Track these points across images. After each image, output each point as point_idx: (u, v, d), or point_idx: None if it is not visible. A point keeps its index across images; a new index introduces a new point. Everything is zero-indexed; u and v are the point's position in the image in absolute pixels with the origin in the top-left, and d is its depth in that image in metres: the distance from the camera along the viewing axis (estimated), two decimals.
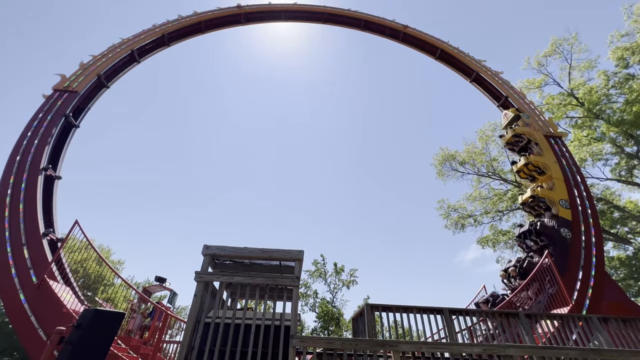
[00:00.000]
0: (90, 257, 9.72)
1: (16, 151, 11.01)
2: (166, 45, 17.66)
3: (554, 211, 12.09)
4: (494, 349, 4.54)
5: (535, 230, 11.77)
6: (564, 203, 12.11)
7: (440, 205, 29.11)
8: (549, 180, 13.20)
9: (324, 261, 30.48)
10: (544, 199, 12.58)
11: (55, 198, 11.40)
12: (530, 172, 13.85)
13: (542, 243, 11.51)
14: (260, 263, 5.55)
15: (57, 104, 12.67)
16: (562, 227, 11.41)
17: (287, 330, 4.40)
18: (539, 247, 11.61)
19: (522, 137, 14.75)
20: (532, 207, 13.23)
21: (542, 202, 12.72)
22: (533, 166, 13.62)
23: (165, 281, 13.25)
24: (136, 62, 16.45)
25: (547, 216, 12.47)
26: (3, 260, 8.64)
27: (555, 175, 13.01)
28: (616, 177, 23.87)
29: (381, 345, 4.53)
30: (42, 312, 7.73)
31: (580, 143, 23.44)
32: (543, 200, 12.63)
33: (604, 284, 10.41)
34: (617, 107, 22.80)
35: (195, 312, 4.44)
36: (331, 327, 26.32)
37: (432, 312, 5.79)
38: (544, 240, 11.47)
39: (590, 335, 5.97)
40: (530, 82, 26.86)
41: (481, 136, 28.49)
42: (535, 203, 12.92)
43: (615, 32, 23.56)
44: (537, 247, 11.75)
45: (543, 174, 13.46)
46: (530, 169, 13.76)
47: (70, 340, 3.58)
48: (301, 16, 21.14)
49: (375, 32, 21.07)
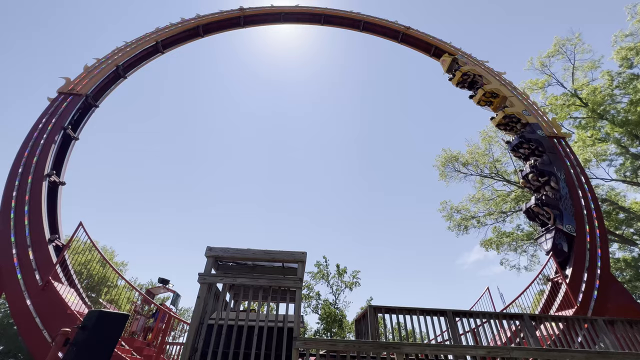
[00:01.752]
0: (94, 258, 9.78)
1: (20, 155, 11.05)
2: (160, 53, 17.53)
3: (524, 121, 15.28)
4: (498, 351, 4.51)
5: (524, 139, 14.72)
6: (526, 112, 15.43)
7: (443, 206, 28.99)
8: (504, 100, 16.46)
9: (327, 263, 30.48)
10: (514, 115, 15.61)
11: (60, 204, 11.43)
12: (488, 99, 17.06)
13: (533, 146, 14.64)
14: (263, 265, 5.55)
15: (61, 107, 12.79)
16: (537, 130, 14.71)
17: (290, 332, 4.39)
18: (531, 151, 14.67)
19: (468, 75, 18.14)
20: (506, 124, 16.03)
21: (513, 118, 15.66)
22: (489, 93, 16.89)
23: (168, 283, 13.30)
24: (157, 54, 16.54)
25: (519, 127, 15.50)
26: (8, 263, 8.72)
27: (507, 94, 16.38)
28: (621, 178, 23.66)
29: (384, 347, 4.51)
30: (46, 313, 7.78)
31: (585, 144, 23.27)
32: (513, 116, 15.62)
33: (610, 286, 10.31)
34: (621, 108, 22.62)
35: (198, 313, 4.45)
36: (334, 329, 26.24)
37: (435, 314, 5.76)
38: (533, 144, 14.58)
39: (596, 337, 5.91)
40: (533, 82, 26.73)
41: (484, 137, 28.36)
42: (509, 120, 15.81)
43: (619, 32, 23.43)
44: (529, 152, 14.74)
45: (497, 96, 16.76)
46: (487, 97, 17.00)
47: (75, 341, 3.60)
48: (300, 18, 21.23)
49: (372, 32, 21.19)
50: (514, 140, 15.25)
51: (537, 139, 14.31)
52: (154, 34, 17.21)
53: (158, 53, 17.43)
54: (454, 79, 18.66)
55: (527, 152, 14.80)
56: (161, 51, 17.48)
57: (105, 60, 15.21)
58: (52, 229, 10.19)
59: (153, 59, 17.44)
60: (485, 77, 17.33)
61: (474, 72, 17.89)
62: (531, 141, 14.49)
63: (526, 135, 14.60)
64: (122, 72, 15.60)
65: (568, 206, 12.08)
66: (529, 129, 14.82)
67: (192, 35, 18.76)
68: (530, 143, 14.53)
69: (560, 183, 12.64)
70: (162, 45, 17.50)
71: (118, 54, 15.68)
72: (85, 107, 13.91)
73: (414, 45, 20.51)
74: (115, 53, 15.68)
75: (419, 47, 20.47)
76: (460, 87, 18.87)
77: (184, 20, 18.50)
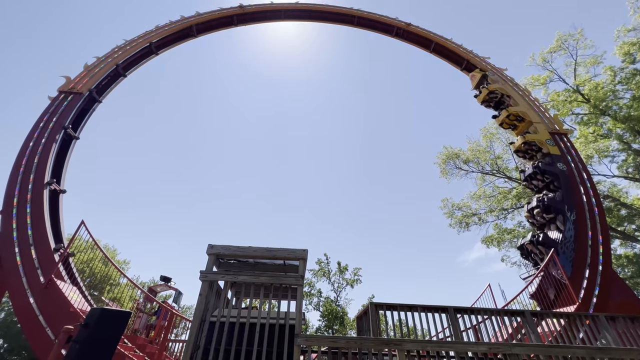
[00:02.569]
0: (96, 257, 9.82)
1: (22, 155, 11.05)
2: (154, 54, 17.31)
3: (545, 150, 13.63)
4: (499, 347, 4.51)
5: (539, 170, 13.27)
6: (550, 142, 13.71)
7: (445, 204, 28.97)
8: (529, 125, 14.84)
9: (328, 260, 30.52)
10: (535, 142, 14.02)
11: (62, 212, 11.38)
12: (512, 122, 15.49)
13: (547, 180, 13.10)
14: (265, 262, 5.56)
15: (62, 106, 12.80)
16: (557, 162, 13.01)
17: (292, 329, 4.40)
18: (546, 184, 13.23)
19: (495, 93, 16.63)
20: (525, 151, 14.60)
21: (533, 145, 14.13)
22: (513, 116, 15.28)
23: (170, 281, 13.36)
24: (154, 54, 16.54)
25: (539, 156, 13.97)
26: (11, 261, 8.76)
27: (534, 120, 14.66)
28: (623, 174, 23.56)
29: (386, 344, 4.52)
30: (49, 311, 7.82)
31: (587, 140, 23.15)
32: (534, 143, 14.04)
33: (611, 282, 10.29)
34: (623, 103, 22.47)
35: (200, 311, 4.46)
36: (335, 326, 26.33)
37: (437, 310, 5.77)
38: (548, 177, 13.02)
39: (597, 333, 5.91)
40: (535, 78, 26.58)
41: (485, 134, 28.28)
42: (528, 147, 14.34)
43: (622, 27, 23.21)
44: (543, 185, 13.32)
45: (522, 120, 15.15)
46: (512, 119, 15.41)
47: (77, 339, 3.61)
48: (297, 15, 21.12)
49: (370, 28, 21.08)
50: (528, 169, 13.91)
51: (555, 172, 12.70)
52: (154, 32, 17.17)
53: (152, 54, 17.25)
54: (479, 96, 17.18)
55: (540, 185, 13.38)
56: (155, 52, 17.25)
57: (105, 58, 15.20)
58: (56, 238, 10.09)
59: (153, 57, 17.39)
60: (514, 98, 15.71)
61: (502, 92, 16.26)
62: (547, 173, 13.00)
63: (542, 167, 13.12)
64: (121, 70, 15.57)
65: (568, 250, 10.73)
66: (548, 160, 13.24)
67: (189, 34, 18.66)
68: (546, 175, 13.07)
69: (567, 224, 11.28)
70: (162, 44, 17.47)
71: (118, 52, 15.66)
72: (90, 100, 14.01)
73: (415, 42, 20.37)
74: (115, 52, 15.66)
75: (419, 44, 20.35)
76: (485, 105, 17.43)
77: (184, 17, 18.46)
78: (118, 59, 15.38)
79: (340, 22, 21.24)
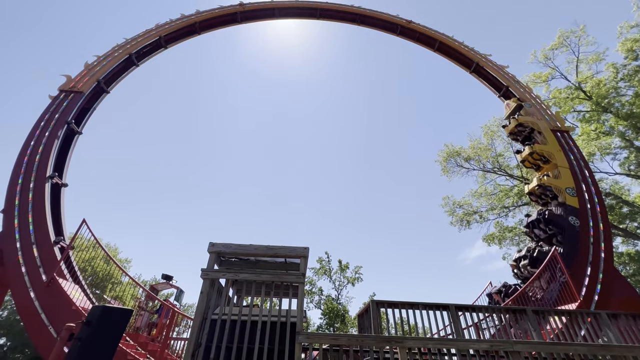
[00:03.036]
0: (97, 255, 9.86)
1: (23, 153, 11.12)
2: (163, 48, 17.70)
3: (561, 199, 11.88)
4: (501, 345, 4.50)
5: (543, 219, 11.62)
6: (571, 191, 11.92)
7: (446, 202, 28.96)
8: (554, 168, 13.12)
9: (329, 258, 30.57)
10: (551, 188, 12.41)
11: (63, 206, 11.48)
12: (535, 161, 13.75)
13: (551, 231, 11.41)
14: (266, 260, 5.56)
15: (62, 105, 12.82)
16: (570, 215, 11.19)
17: (293, 326, 4.41)
18: (548, 236, 11.59)
19: (525, 127, 14.68)
20: (538, 196, 13.10)
21: (548, 191, 12.53)
22: (538, 155, 13.51)
23: (172, 279, 13.39)
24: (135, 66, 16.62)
25: (553, 205, 12.27)
26: (14, 260, 8.80)
27: (560, 164, 12.87)
28: (625, 172, 23.48)
29: (387, 341, 4.52)
30: (52, 309, 7.86)
31: (589, 137, 23.07)
32: (550, 188, 12.44)
33: (613, 280, 10.28)
34: (626, 100, 22.38)
35: (201, 309, 4.47)
36: (336, 324, 26.41)
37: (438, 308, 5.77)
38: (553, 229, 11.32)
39: (599, 331, 5.90)
40: (536, 75, 26.48)
41: (486, 132, 28.22)
42: (542, 192, 12.77)
43: (625, 24, 23.07)
44: (545, 236, 11.70)
45: (548, 162, 13.38)
46: (535, 158, 13.66)
47: (79, 336, 3.62)
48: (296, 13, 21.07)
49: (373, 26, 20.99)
50: (533, 215, 12.47)
51: (562, 225, 11.01)
52: (154, 30, 17.28)
53: (162, 48, 17.67)
54: (507, 127, 15.55)
55: (542, 236, 11.85)
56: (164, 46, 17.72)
57: (105, 57, 15.20)
58: (56, 231, 10.21)
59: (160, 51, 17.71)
60: (545, 136, 13.81)
61: (534, 126, 14.31)
62: (552, 224, 11.34)
63: (549, 216, 11.49)
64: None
65: None
66: (561, 211, 11.46)
67: (191, 32, 18.80)
68: (550, 226, 11.43)
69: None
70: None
71: (118, 50, 15.67)
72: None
73: (419, 41, 20.23)
74: (115, 50, 15.67)
75: (423, 43, 20.21)
76: (512, 138, 15.92)
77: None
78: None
79: (343, 20, 21.17)
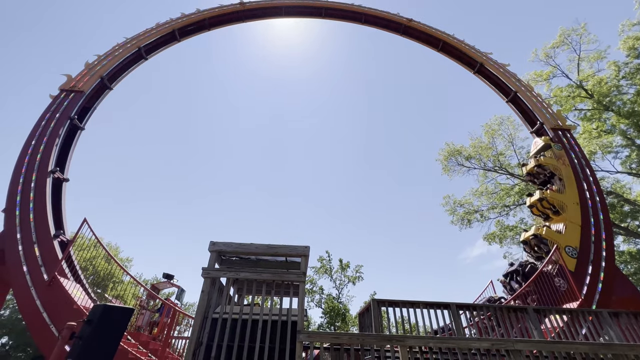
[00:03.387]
0: (99, 254, 9.88)
1: (24, 152, 11.16)
2: (177, 41, 18.08)
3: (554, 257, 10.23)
4: (502, 343, 4.50)
5: (522, 272, 10.61)
6: (571, 251, 10.36)
7: (446, 201, 28.91)
8: (562, 221, 11.44)
9: (330, 257, 30.62)
10: (547, 241, 10.94)
11: (64, 200, 11.55)
12: (544, 210, 12.13)
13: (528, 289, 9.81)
14: (267, 259, 5.56)
15: (63, 104, 12.84)
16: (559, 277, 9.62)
17: (294, 325, 4.41)
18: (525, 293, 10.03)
19: (544, 169, 13.12)
20: (532, 247, 11.73)
21: (543, 244, 11.11)
22: (548, 203, 11.88)
23: (173, 278, 13.41)
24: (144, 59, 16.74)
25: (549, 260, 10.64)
26: (15, 259, 8.82)
27: (571, 219, 11.21)
28: (627, 170, 23.41)
29: (388, 340, 4.52)
30: (53, 308, 7.88)
31: (590, 135, 23.00)
32: (545, 242, 11.00)
33: (614, 279, 10.26)
34: (627, 99, 22.28)
35: (202, 308, 4.48)
36: (337, 323, 26.47)
37: (439, 307, 5.77)
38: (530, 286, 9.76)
39: (600, 329, 5.89)
40: (538, 74, 26.38)
41: (487, 130, 28.14)
42: (537, 243, 11.36)
43: (626, 21, 22.95)
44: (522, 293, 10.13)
45: (558, 214, 11.72)
46: (545, 206, 12.02)
47: (81, 335, 3.64)
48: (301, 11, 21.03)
49: (377, 26, 20.91)
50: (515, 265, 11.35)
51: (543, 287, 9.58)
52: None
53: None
54: (526, 166, 14.29)
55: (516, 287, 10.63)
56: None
57: (105, 57, 15.20)
58: (57, 225, 10.30)
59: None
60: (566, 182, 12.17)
61: (556, 172, 12.64)
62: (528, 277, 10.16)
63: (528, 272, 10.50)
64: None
65: None
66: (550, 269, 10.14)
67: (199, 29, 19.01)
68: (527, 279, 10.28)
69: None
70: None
71: (119, 49, 15.68)
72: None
73: (421, 40, 20.14)
74: (115, 49, 15.68)
75: (426, 42, 20.10)
76: (529, 179, 14.55)
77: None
78: (119, 56, 15.58)
79: (348, 20, 21.11)
